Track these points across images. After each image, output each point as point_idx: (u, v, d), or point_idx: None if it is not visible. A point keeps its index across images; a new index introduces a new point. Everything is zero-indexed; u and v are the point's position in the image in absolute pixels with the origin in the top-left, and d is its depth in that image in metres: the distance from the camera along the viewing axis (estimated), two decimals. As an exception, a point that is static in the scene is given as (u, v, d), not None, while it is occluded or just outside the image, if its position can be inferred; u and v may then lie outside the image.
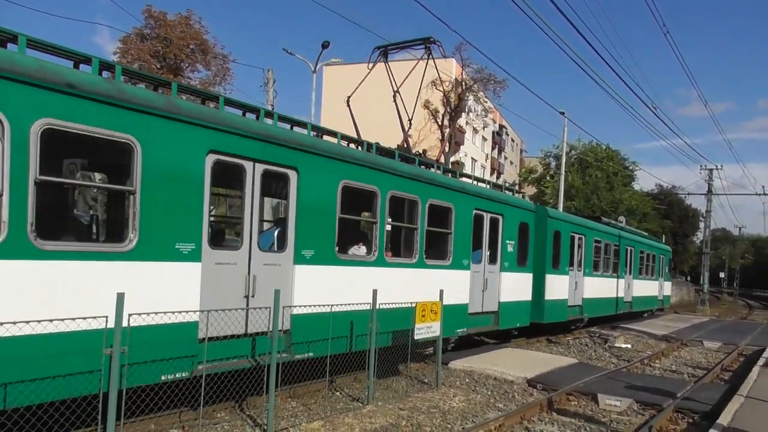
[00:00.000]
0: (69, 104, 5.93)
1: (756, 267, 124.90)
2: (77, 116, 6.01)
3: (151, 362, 6.63)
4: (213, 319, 7.12)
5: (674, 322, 27.71)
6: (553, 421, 9.07)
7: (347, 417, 8.34)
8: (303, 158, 8.69)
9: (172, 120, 6.89)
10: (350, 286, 9.63)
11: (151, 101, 6.74)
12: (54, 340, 5.66)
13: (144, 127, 6.58)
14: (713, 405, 9.98)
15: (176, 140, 6.95)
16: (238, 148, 7.73)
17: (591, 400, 10.40)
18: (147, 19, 30.51)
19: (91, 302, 6.03)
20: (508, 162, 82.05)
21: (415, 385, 10.74)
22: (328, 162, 9.18)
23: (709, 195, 46.94)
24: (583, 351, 16.95)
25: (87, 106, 6.07)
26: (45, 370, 5.70)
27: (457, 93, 40.15)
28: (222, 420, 7.93)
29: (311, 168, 8.85)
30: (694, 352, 18.34)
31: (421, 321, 9.87)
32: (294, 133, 8.94)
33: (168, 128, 6.85)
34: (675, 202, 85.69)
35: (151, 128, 6.67)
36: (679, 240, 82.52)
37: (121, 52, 30.09)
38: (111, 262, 6.34)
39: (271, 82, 26.06)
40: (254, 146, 7.93)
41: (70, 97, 5.92)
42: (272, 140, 8.20)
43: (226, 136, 7.55)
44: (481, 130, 64.40)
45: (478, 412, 9.26)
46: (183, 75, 30.95)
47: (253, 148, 7.92)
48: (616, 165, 52.68)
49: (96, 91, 6.16)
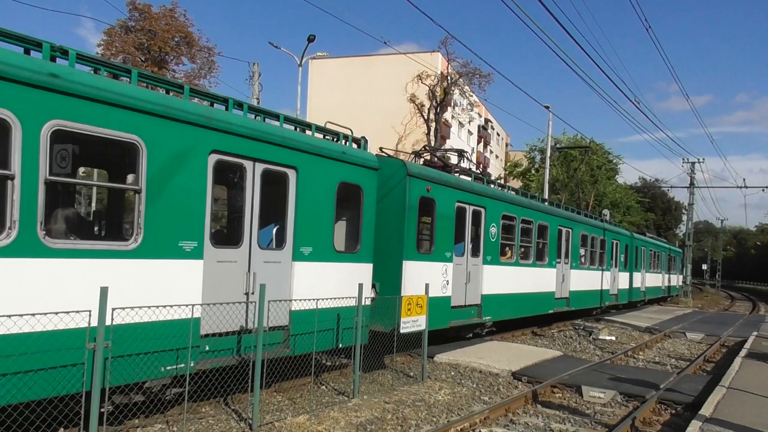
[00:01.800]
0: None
1: (738, 259, 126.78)
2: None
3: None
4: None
5: (657, 314, 28.01)
6: (538, 414, 9.13)
7: (333, 411, 8.33)
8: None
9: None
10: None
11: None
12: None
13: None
14: (696, 396, 10.10)
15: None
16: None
17: (575, 392, 10.49)
18: (131, 12, 30.22)
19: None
20: (493, 156, 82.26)
21: (400, 379, 10.76)
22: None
23: (692, 188, 47.46)
24: (567, 343, 17.09)
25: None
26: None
27: (443, 87, 40.15)
28: (207, 415, 7.89)
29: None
30: (677, 344, 18.55)
31: (407, 315, 9.89)
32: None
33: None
34: (658, 195, 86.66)
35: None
36: (662, 233, 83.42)
37: (105, 45, 29.75)
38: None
39: (256, 75, 25.87)
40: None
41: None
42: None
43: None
44: (467, 124, 64.49)
45: (464, 405, 9.30)
46: (168, 68, 30.68)
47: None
48: (600, 158, 53.03)
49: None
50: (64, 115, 5.99)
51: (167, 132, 6.96)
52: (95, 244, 6.64)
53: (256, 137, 8.15)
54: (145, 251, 6.76)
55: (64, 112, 6.00)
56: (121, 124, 6.47)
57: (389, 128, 40.36)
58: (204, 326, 7.34)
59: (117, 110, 6.41)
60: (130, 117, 6.54)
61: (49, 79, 5.88)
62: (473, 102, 48.82)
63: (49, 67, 6.03)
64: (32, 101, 5.76)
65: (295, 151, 8.78)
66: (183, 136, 7.16)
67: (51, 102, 5.90)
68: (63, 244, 6.11)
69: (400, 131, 41.10)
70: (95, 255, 6.29)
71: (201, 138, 7.38)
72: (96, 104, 6.23)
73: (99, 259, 6.31)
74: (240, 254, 8.15)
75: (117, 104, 6.41)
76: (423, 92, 40.17)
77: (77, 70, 6.38)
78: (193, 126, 7.25)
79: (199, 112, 7.45)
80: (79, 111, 6.10)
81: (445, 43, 38.09)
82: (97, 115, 6.24)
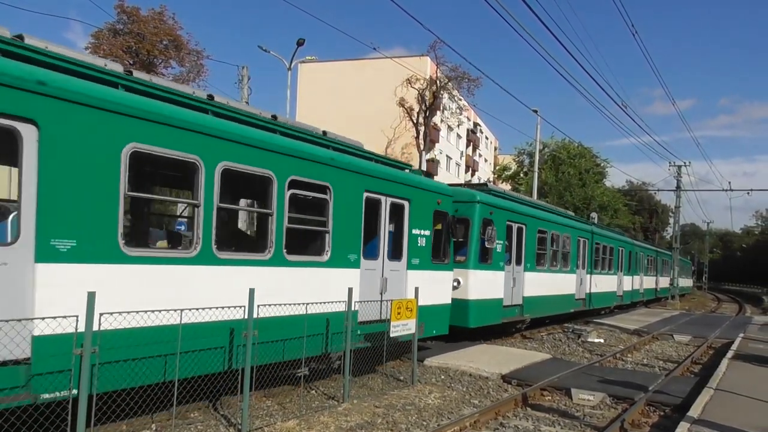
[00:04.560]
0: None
1: (724, 261, 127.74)
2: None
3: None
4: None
5: (645, 317, 28.18)
6: (528, 417, 9.15)
7: (323, 415, 8.30)
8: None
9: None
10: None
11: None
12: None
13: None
14: (684, 398, 10.17)
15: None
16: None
17: (565, 394, 10.52)
18: (119, 15, 29.99)
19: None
20: (482, 159, 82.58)
21: (391, 383, 10.74)
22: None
23: (678, 191, 47.80)
24: (556, 346, 17.14)
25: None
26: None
27: (432, 91, 40.23)
28: (195, 420, 7.83)
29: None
30: (665, 346, 18.67)
31: (397, 319, 9.85)
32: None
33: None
34: (645, 198, 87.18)
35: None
36: (649, 235, 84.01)
37: (92, 48, 29.52)
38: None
39: (245, 79, 25.77)
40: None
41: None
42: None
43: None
44: (456, 128, 64.70)
45: (454, 409, 9.30)
46: (156, 71, 30.47)
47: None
48: (588, 162, 53.31)
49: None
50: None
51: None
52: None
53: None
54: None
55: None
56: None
57: (378, 132, 40.30)
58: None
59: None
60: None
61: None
62: (462, 106, 48.95)
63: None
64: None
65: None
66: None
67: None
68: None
69: (390, 135, 41.08)
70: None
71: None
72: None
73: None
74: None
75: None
76: (412, 96, 40.22)
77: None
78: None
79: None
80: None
81: (434, 47, 38.16)
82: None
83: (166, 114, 7.00)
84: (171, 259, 7.24)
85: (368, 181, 10.46)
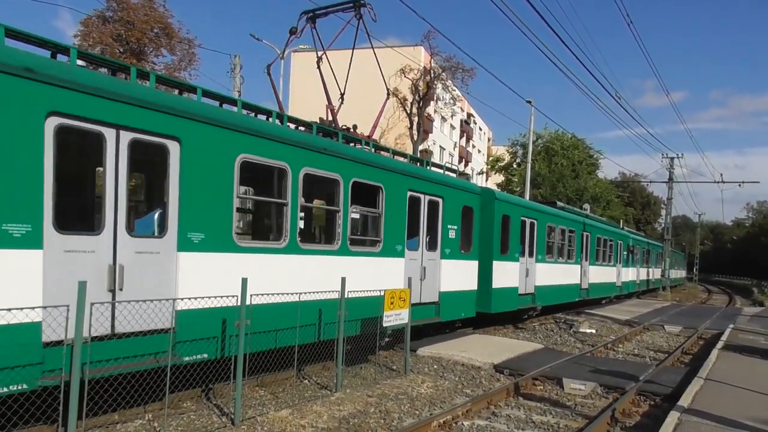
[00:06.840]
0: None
1: (714, 252, 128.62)
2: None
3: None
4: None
5: (637, 307, 28.37)
6: (520, 406, 9.19)
7: (316, 405, 8.31)
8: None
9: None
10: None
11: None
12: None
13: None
14: (674, 387, 10.24)
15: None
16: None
17: (556, 384, 10.58)
18: (109, 2, 29.58)
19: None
20: (476, 150, 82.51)
21: (383, 373, 10.76)
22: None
23: (671, 183, 47.92)
24: (548, 336, 17.23)
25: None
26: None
27: (426, 81, 40.08)
28: (188, 410, 7.82)
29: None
30: (655, 336, 18.80)
31: (390, 308, 9.86)
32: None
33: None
34: (637, 189, 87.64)
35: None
36: (641, 227, 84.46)
37: (81, 36, 29.15)
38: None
39: (237, 68, 25.55)
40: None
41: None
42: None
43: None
44: (450, 119, 64.58)
45: (446, 398, 9.33)
46: (146, 59, 30.17)
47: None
48: (581, 153, 53.34)
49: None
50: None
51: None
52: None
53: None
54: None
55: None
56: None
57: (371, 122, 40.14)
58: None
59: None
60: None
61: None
62: (456, 96, 48.81)
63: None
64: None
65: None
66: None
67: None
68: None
69: (383, 125, 40.94)
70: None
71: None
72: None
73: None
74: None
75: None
76: (406, 86, 40.05)
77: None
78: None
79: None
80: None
81: (428, 37, 37.96)
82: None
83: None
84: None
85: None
